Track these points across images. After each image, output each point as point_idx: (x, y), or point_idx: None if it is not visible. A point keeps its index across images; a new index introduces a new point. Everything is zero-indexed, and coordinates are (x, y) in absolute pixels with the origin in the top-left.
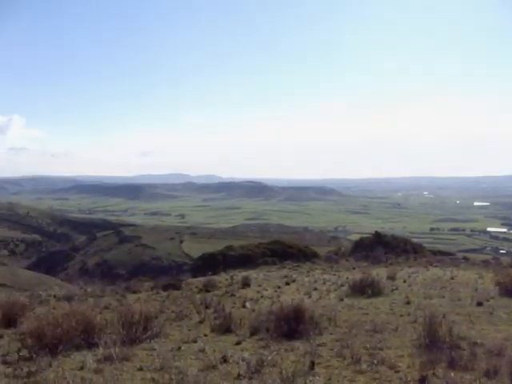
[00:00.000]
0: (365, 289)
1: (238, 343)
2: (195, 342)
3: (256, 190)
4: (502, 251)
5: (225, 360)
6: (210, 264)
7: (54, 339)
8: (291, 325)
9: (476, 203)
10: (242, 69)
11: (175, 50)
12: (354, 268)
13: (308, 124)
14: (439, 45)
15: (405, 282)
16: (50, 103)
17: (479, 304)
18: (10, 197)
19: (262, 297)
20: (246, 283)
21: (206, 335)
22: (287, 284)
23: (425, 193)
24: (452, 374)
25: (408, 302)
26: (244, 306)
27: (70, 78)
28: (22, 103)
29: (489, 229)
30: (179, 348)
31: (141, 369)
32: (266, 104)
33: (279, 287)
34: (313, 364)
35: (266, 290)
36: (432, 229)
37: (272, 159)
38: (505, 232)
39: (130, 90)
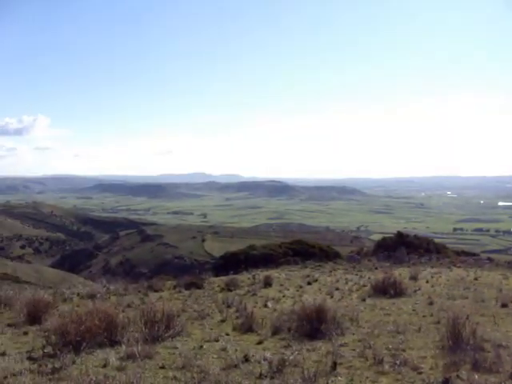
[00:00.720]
0: (387, 289)
1: (260, 342)
2: (217, 340)
3: (278, 189)
4: None
5: (246, 359)
6: (232, 263)
7: (77, 336)
8: (313, 324)
9: (500, 203)
10: (264, 69)
11: (196, 51)
12: (376, 268)
13: (328, 123)
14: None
15: (427, 282)
16: (75, 103)
17: (504, 305)
18: (35, 196)
19: (283, 296)
20: (267, 283)
21: (227, 334)
22: (309, 284)
23: (448, 193)
24: (476, 377)
25: (431, 303)
26: (266, 306)
27: (93, 80)
28: (46, 103)
29: None
30: (201, 347)
31: (163, 367)
32: (289, 104)
33: (301, 287)
34: (335, 364)
35: (288, 290)
36: (455, 229)
37: (294, 158)
38: None
39: (152, 91)
